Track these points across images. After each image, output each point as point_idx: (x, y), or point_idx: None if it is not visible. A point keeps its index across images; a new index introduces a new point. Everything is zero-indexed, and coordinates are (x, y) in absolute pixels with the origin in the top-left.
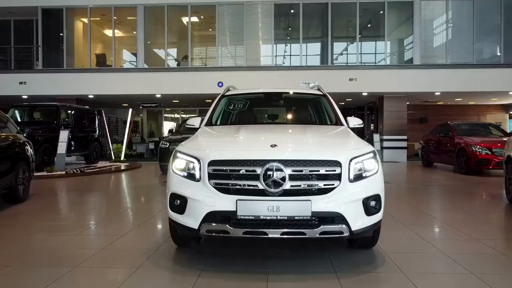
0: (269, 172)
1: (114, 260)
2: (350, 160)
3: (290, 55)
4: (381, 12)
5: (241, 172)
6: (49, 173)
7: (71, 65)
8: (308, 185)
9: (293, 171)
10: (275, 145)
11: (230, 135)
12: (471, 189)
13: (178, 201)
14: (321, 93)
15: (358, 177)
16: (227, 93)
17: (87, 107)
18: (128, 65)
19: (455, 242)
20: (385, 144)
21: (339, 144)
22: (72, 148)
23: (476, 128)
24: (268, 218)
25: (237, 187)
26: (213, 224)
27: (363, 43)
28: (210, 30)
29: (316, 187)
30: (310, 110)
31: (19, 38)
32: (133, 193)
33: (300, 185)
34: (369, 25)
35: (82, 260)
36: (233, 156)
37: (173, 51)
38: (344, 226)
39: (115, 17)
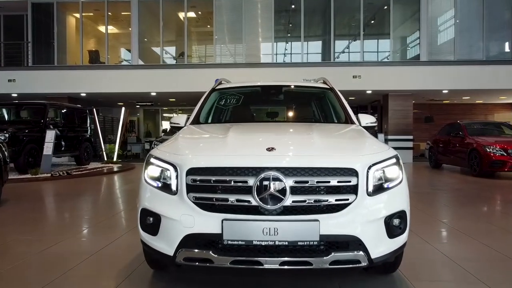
0: (265, 183)
1: (81, 284)
2: (369, 168)
3: (291, 53)
4: (386, 7)
5: (228, 183)
6: (33, 176)
7: (63, 62)
8: (315, 201)
9: (295, 182)
10: (272, 149)
11: (217, 136)
12: (489, 194)
13: (151, 219)
14: (328, 87)
15: (379, 189)
16: (218, 87)
17: (79, 105)
18: (123, 62)
19: (497, 266)
20: (390, 144)
21: (353, 147)
22: (62, 148)
23: (488, 128)
24: (263, 243)
25: (224, 203)
26: (193, 250)
27: (367, 39)
28: (208, 26)
29: (325, 203)
30: (315, 106)
31: (9, 34)
32: (119, 199)
33: (304, 201)
34: (373, 21)
35: (41, 285)
36: (218, 162)
37: (169, 48)
38: (361, 253)
39: (108, 12)
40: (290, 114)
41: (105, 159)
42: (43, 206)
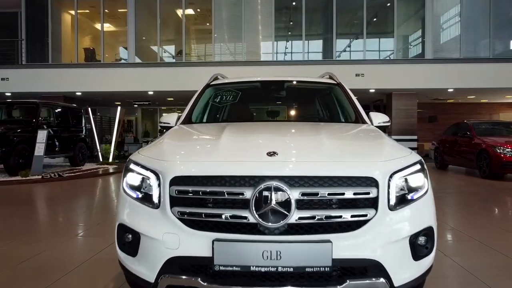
0: (265, 195)
1: None
2: (391, 176)
3: (291, 52)
4: (389, 3)
5: (220, 195)
6: (23, 178)
7: (58, 60)
8: (327, 217)
9: (302, 194)
10: (274, 153)
11: (209, 137)
12: (504, 198)
13: (129, 237)
14: (335, 82)
15: (402, 201)
16: (212, 82)
17: (74, 105)
18: (121, 61)
19: None
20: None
21: (371, 151)
22: (56, 149)
23: (497, 128)
24: (263, 270)
25: (215, 219)
26: (178, 277)
27: (370, 36)
28: (207, 24)
29: (339, 219)
30: (320, 103)
31: (2, 32)
32: (112, 203)
33: (313, 217)
34: (376, 17)
35: None
36: (208, 169)
37: (166, 45)
38: (382, 280)
39: (105, 10)
40: (294, 112)
41: (101, 160)
42: (26, 211)
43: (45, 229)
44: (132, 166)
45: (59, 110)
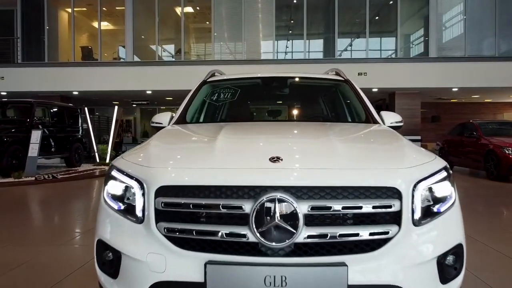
0: (267, 207)
1: None
2: (415, 186)
3: (292, 51)
4: (392, 1)
5: (215, 209)
6: (16, 179)
7: (55, 59)
8: (341, 235)
9: (312, 208)
10: (278, 159)
11: (203, 140)
12: None
13: (110, 255)
14: (342, 78)
15: (427, 214)
16: (210, 79)
17: (71, 104)
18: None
19: None
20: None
21: (390, 156)
22: (52, 149)
23: (504, 128)
24: None
25: (208, 237)
26: None
27: (373, 35)
28: (207, 22)
29: (355, 238)
30: (327, 102)
31: None
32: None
33: (326, 235)
34: (380, 15)
35: None
36: (200, 178)
37: (165, 44)
38: None
39: (103, 8)
40: (298, 111)
41: (98, 160)
42: (15, 215)
43: (34, 234)
44: (114, 173)
45: (55, 109)
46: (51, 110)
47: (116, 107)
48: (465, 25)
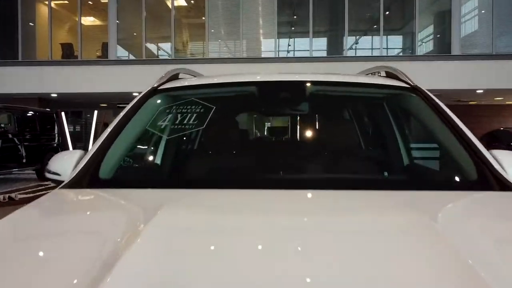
0: None
1: None
2: None
3: (294, 50)
4: None
5: None
6: None
7: (31, 57)
8: None
9: None
10: None
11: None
12: None
13: None
14: (405, 85)
15: None
16: (164, 86)
17: (48, 109)
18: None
19: None
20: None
21: None
22: (24, 160)
23: None
24: None
25: None
26: None
27: (387, 32)
28: (202, 18)
29: None
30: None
31: None
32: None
33: None
34: (394, 9)
35: None
36: None
37: (154, 42)
38: None
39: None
40: (331, 165)
41: None
42: None
43: None
44: None
45: (24, 114)
46: (19, 116)
47: (95, 111)
48: (492, 20)
